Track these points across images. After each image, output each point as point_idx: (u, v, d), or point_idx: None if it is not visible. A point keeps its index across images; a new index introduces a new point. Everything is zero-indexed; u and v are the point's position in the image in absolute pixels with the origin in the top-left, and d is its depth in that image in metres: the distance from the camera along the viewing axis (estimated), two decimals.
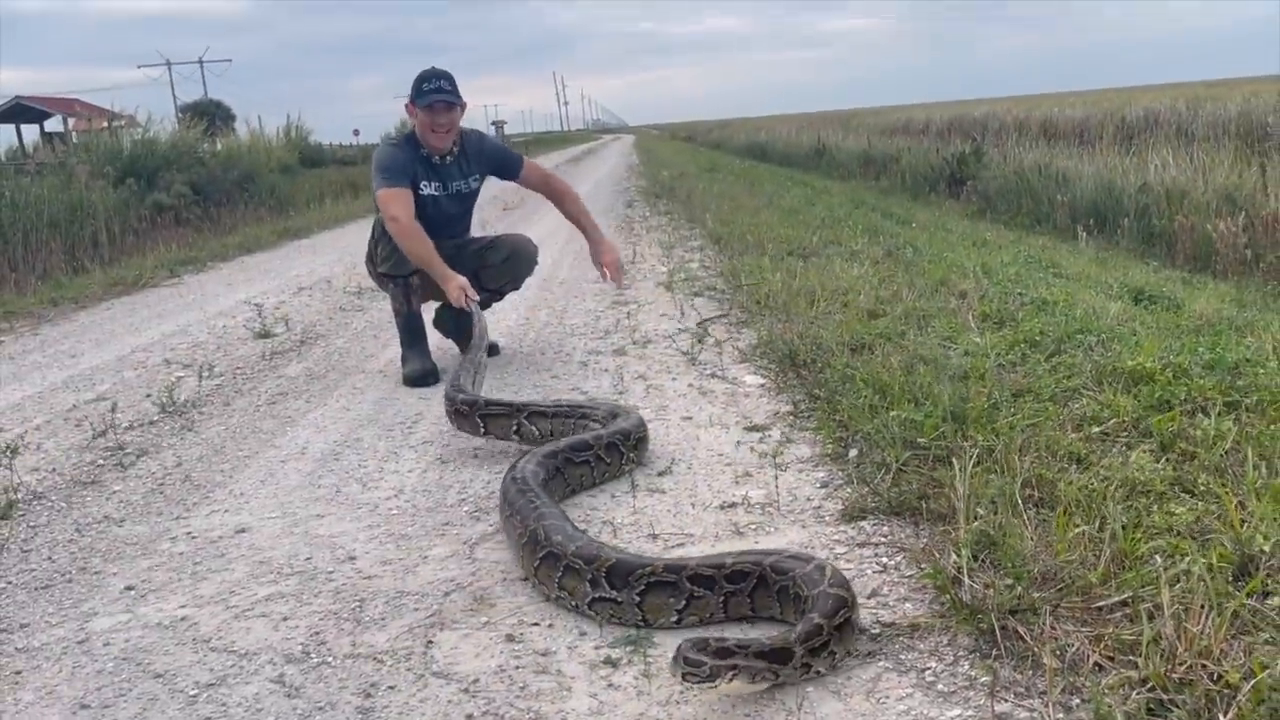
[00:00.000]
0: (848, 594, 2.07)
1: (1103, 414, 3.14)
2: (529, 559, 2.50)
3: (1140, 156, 13.36)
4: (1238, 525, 2.21)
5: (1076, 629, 1.96)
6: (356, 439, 3.86)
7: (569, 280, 7.28)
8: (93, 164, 14.35)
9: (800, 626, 1.99)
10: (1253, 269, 8.16)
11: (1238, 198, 9.51)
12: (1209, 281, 8.05)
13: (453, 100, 4.49)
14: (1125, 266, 8.25)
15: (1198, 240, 9.02)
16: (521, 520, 2.60)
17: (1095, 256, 8.82)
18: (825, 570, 2.14)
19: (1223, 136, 16.99)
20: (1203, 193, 10.09)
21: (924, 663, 2.00)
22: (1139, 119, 22.49)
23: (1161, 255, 9.40)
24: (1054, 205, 11.59)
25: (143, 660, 2.27)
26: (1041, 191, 12.41)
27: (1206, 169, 11.17)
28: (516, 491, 2.76)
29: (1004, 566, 2.18)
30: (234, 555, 2.83)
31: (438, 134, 4.53)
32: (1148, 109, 23.18)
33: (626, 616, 2.28)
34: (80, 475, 3.62)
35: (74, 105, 28.48)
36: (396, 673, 2.14)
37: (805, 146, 27.63)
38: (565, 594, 2.37)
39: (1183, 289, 6.99)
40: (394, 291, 4.70)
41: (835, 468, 3.10)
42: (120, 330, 6.49)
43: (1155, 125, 21.05)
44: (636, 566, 2.28)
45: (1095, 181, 11.68)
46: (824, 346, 4.19)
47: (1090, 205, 10.97)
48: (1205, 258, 8.85)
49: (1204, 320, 4.98)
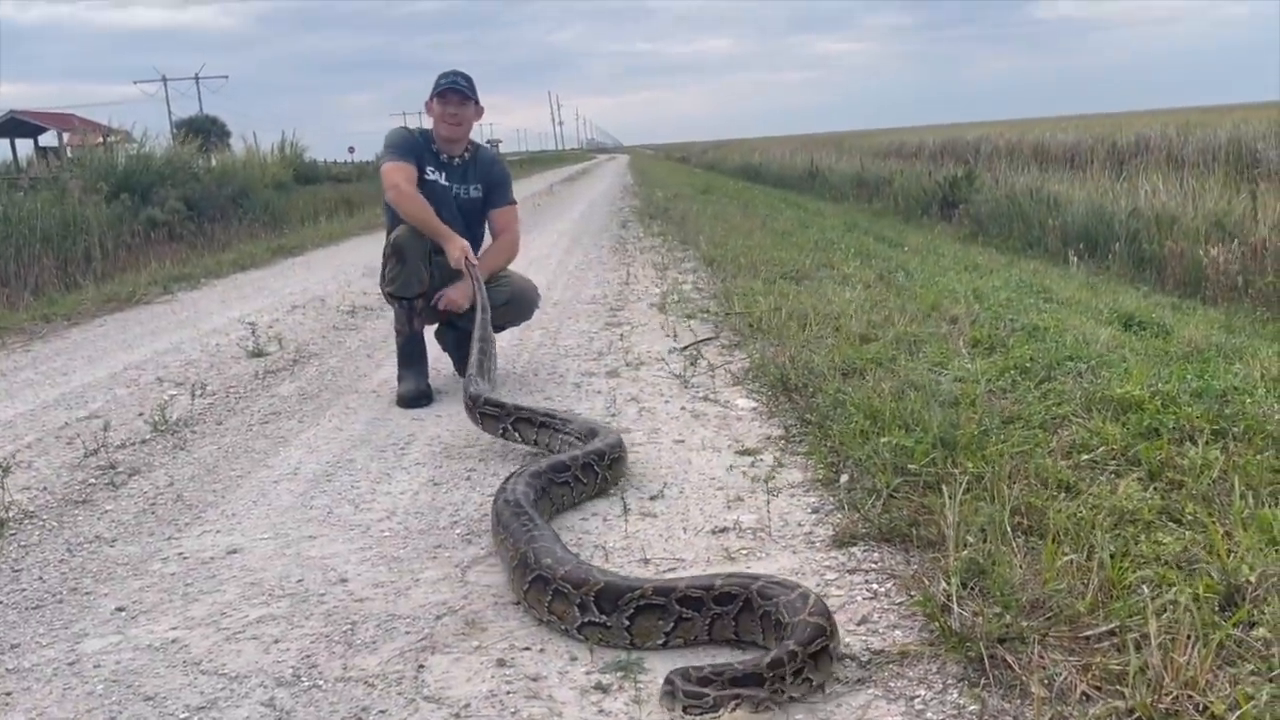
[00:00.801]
0: (827, 623, 2.08)
1: (1092, 441, 3.16)
2: (519, 581, 2.51)
3: (1131, 182, 13.48)
4: (1224, 555, 2.23)
5: (1064, 658, 1.97)
6: (349, 460, 3.86)
7: (563, 301, 7.30)
8: (87, 179, 14.37)
9: (773, 652, 2.01)
10: (1242, 295, 8.22)
11: (1227, 224, 9.59)
12: (1198, 307, 8.10)
13: (466, 93, 4.61)
14: (1116, 291, 8.30)
15: (1188, 266, 9.09)
16: (514, 543, 2.62)
17: (1086, 281, 8.87)
18: (809, 599, 2.16)
19: (1213, 163, 17.15)
20: (1193, 218, 10.17)
21: (913, 690, 2.01)
22: (1130, 144, 22.70)
23: (1152, 280, 9.46)
24: (1045, 229, 11.68)
25: (133, 682, 2.27)
26: (1033, 215, 12.50)
27: (1196, 195, 11.27)
28: (510, 514, 2.77)
29: (993, 595, 2.19)
30: (225, 576, 2.83)
31: (449, 124, 4.64)
32: (1139, 134, 23.37)
33: (616, 640, 2.29)
34: (72, 494, 3.62)
35: (69, 120, 28.58)
36: (387, 697, 2.15)
37: (799, 168, 27.82)
38: (555, 618, 2.38)
39: (1172, 315, 7.03)
40: (398, 312, 4.73)
41: (827, 493, 3.12)
42: (113, 347, 6.49)
43: (1146, 150, 21.24)
44: (626, 590, 2.30)
45: (1087, 206, 11.78)
46: (815, 371, 4.22)
47: (1081, 229, 11.06)
48: (1195, 283, 8.91)
49: (1193, 347, 5.01)
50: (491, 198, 4.82)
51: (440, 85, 4.60)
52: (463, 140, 4.71)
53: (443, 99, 4.59)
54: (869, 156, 27.13)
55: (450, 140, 4.67)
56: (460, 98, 4.59)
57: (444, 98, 4.59)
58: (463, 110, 4.62)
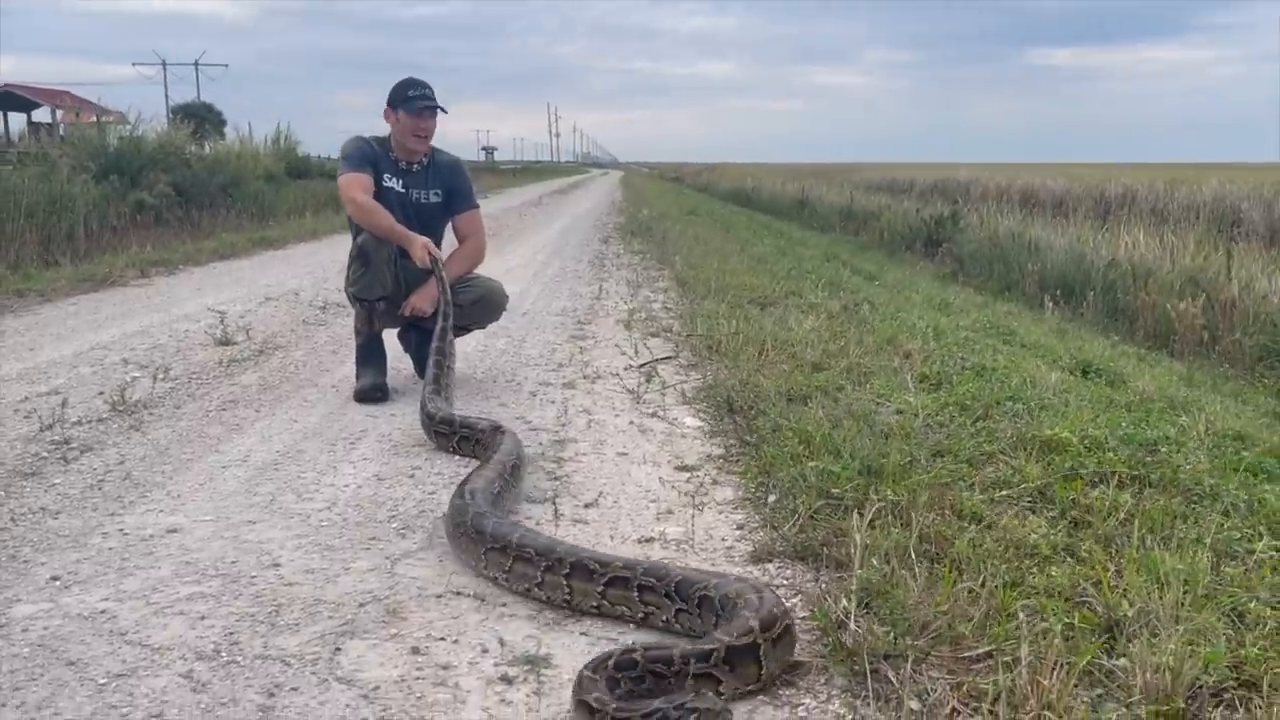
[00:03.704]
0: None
1: (1012, 478, 3.29)
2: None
3: (1113, 232, 13.69)
4: (1109, 591, 2.35)
5: (942, 676, 2.08)
6: (299, 450, 3.95)
7: (532, 312, 7.40)
8: (76, 157, 14.40)
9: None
10: (1209, 350, 8.36)
11: (1202, 280, 9.75)
12: (1164, 360, 8.25)
13: (435, 107, 4.68)
14: (1083, 339, 8.42)
15: (1159, 318, 9.23)
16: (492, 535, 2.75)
17: (1057, 327, 8.99)
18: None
19: (1195, 219, 17.42)
20: (1168, 272, 10.34)
21: (799, 699, 2.12)
22: (1118, 195, 23.02)
23: (1124, 330, 9.59)
24: (1024, 273, 11.81)
25: (58, 648, 2.35)
26: (1014, 259, 12.65)
27: (1176, 250, 11.46)
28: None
29: (885, 615, 2.30)
30: (162, 554, 2.91)
31: (419, 139, 4.71)
32: (1127, 186, 23.72)
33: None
34: (22, 466, 3.69)
35: (63, 97, 28.54)
36: (301, 675, 2.23)
37: (790, 196, 28.06)
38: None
39: (1134, 365, 7.17)
40: (359, 312, 4.81)
41: (754, 511, 3.22)
42: (82, 326, 6.55)
43: (1133, 202, 21.54)
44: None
45: (1066, 253, 11.92)
46: (762, 394, 4.33)
47: (1059, 276, 11.19)
48: (1164, 336, 9.04)
49: (1142, 397, 5.13)
50: (454, 203, 4.90)
51: (414, 103, 4.64)
52: (424, 149, 4.80)
53: (418, 116, 4.64)
54: (860, 190, 27.41)
55: (415, 150, 4.75)
56: (429, 113, 4.66)
57: (419, 115, 4.64)
58: (432, 123, 4.70)
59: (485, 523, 2.78)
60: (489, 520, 2.79)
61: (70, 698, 2.14)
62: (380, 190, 4.68)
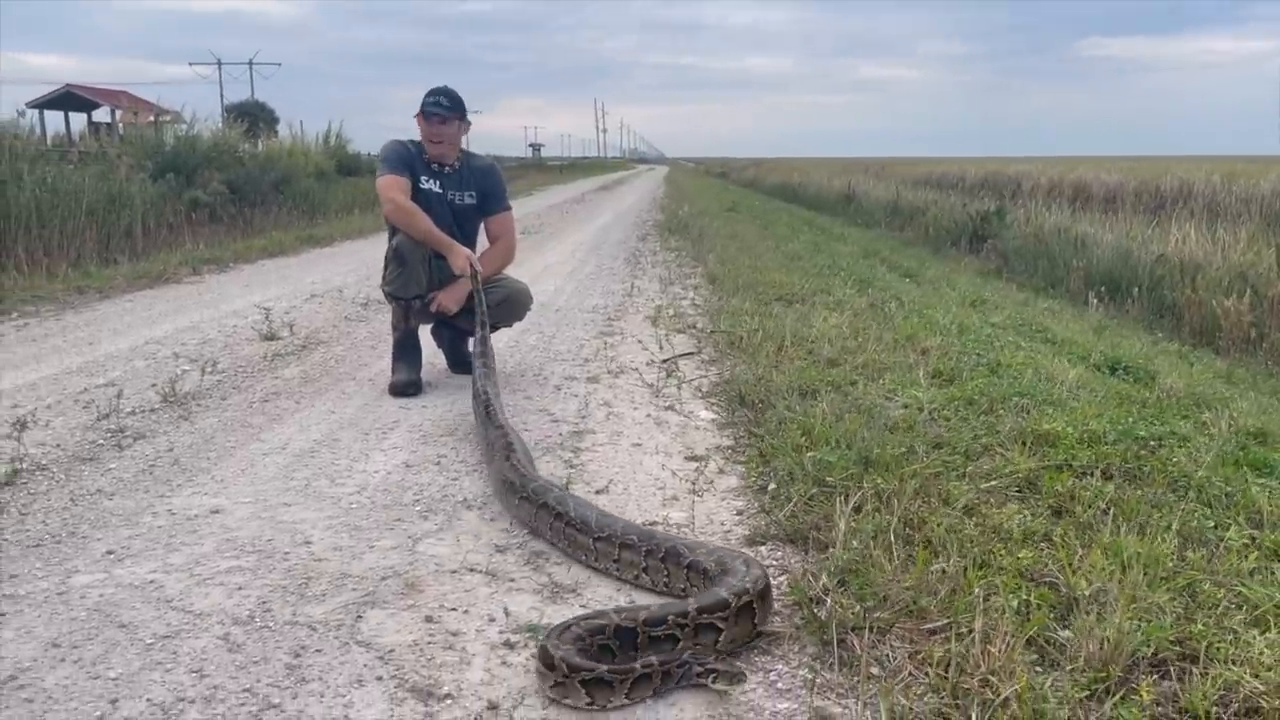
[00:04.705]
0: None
1: (1003, 469, 3.44)
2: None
3: (1163, 227, 13.49)
4: (1070, 571, 2.52)
5: (903, 645, 2.27)
6: (335, 439, 4.21)
7: (565, 309, 7.64)
8: (135, 156, 14.92)
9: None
10: (1255, 348, 8.32)
11: (1250, 276, 9.64)
12: (1207, 357, 8.23)
13: (445, 114, 4.90)
14: (1123, 336, 8.40)
15: (1205, 315, 9.16)
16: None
17: (1097, 324, 8.92)
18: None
19: (1250, 214, 17.08)
20: (1217, 269, 10.22)
21: (771, 665, 2.32)
22: (1173, 189, 22.63)
23: (1169, 327, 9.51)
24: (1069, 269, 11.68)
25: (111, 612, 2.62)
26: (1059, 255, 12.50)
27: (1227, 245, 11.30)
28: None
29: (856, 592, 2.49)
30: (205, 532, 3.18)
31: (434, 144, 4.96)
32: (1182, 180, 23.30)
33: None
34: (81, 452, 4.00)
35: (120, 97, 29.34)
36: (325, 639, 2.48)
37: (836, 191, 28.00)
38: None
39: (1172, 362, 7.20)
40: (395, 310, 5.07)
41: (753, 498, 3.42)
42: (137, 322, 6.91)
43: (1189, 197, 21.15)
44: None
45: (1113, 249, 11.75)
46: (774, 389, 4.51)
47: (1105, 272, 11.04)
48: (1210, 333, 8.95)
49: (1166, 393, 5.20)
50: (487, 204, 5.14)
51: (425, 109, 4.89)
52: (450, 153, 5.03)
53: (428, 121, 4.90)
54: (908, 185, 27.24)
55: (437, 155, 4.99)
56: (439, 119, 4.89)
57: (428, 120, 4.89)
58: (444, 129, 4.92)
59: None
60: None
61: (121, 655, 2.40)
62: (418, 192, 4.93)
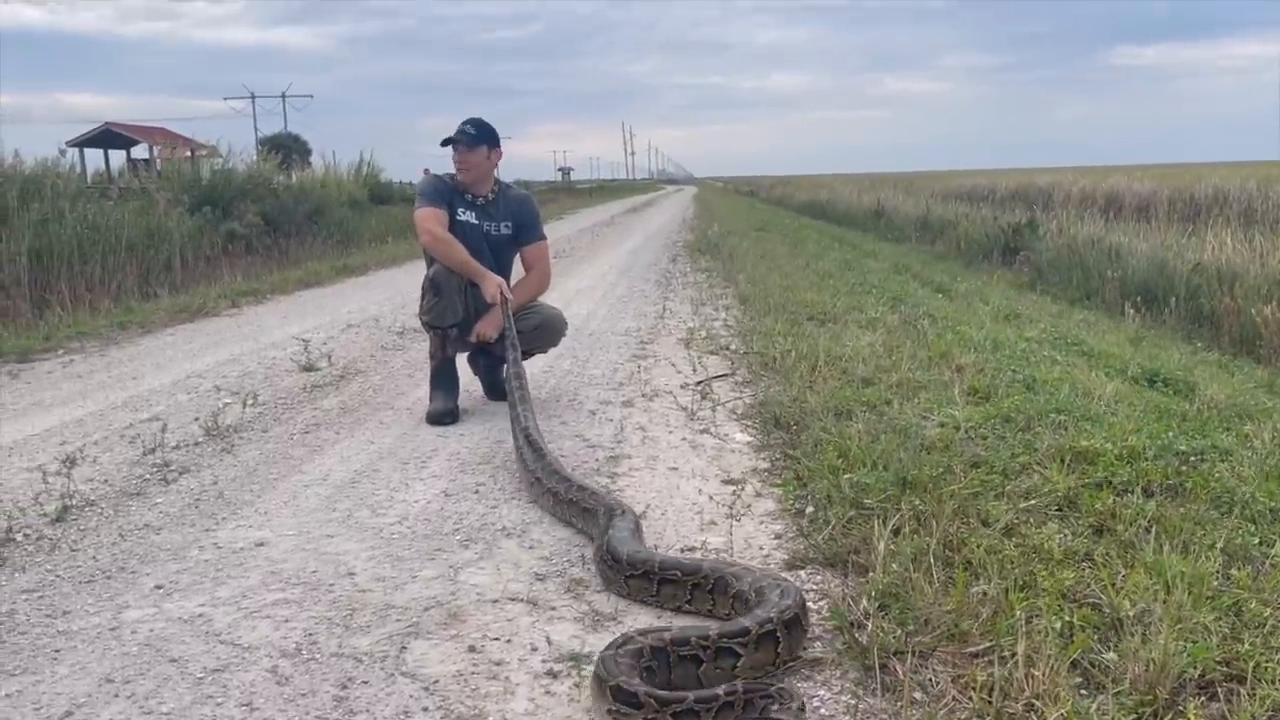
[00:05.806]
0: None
1: (1041, 488, 3.43)
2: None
3: (1199, 235, 13.29)
4: (1112, 591, 2.51)
5: (945, 669, 2.27)
6: (375, 470, 4.26)
7: (598, 333, 7.69)
8: (172, 191, 15.21)
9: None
10: None
11: None
12: (1248, 366, 8.11)
13: (471, 142, 4.99)
14: (1161, 347, 8.28)
15: (1244, 323, 9.02)
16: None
17: (1134, 335, 8.80)
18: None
19: None
20: (1255, 276, 10.08)
21: (814, 691, 2.32)
22: (1208, 196, 22.35)
23: (1207, 337, 9.37)
24: (1104, 280, 11.51)
25: (162, 647, 2.67)
26: (1093, 266, 12.32)
27: (1265, 252, 11.13)
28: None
29: (898, 616, 2.49)
30: (251, 565, 3.24)
31: (460, 171, 5.05)
32: (1217, 187, 23.02)
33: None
34: (129, 487, 4.08)
35: (158, 134, 29.93)
36: (371, 670, 2.51)
37: (865, 207, 27.92)
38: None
39: (1211, 372, 7.10)
40: (433, 339, 5.15)
41: (791, 522, 3.43)
42: (179, 356, 7.03)
43: (1225, 204, 20.87)
44: None
45: (1149, 259, 11.57)
46: (809, 410, 4.52)
47: (1141, 282, 10.87)
48: (1250, 342, 8.82)
49: (1207, 405, 5.13)
50: (522, 235, 5.21)
51: (453, 137, 4.99)
52: (481, 181, 5.10)
53: (455, 149, 4.99)
54: (938, 199, 27.10)
55: (468, 183, 5.07)
56: (464, 148, 4.98)
57: (454, 148, 4.99)
58: (470, 157, 5.00)
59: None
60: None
61: (173, 689, 2.45)
62: (455, 224, 5.01)
